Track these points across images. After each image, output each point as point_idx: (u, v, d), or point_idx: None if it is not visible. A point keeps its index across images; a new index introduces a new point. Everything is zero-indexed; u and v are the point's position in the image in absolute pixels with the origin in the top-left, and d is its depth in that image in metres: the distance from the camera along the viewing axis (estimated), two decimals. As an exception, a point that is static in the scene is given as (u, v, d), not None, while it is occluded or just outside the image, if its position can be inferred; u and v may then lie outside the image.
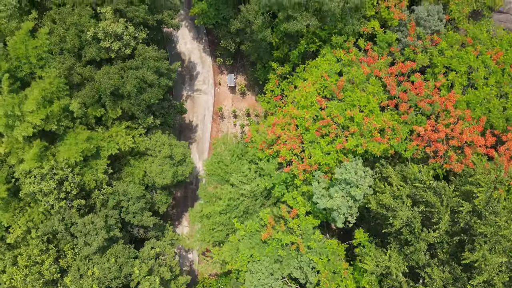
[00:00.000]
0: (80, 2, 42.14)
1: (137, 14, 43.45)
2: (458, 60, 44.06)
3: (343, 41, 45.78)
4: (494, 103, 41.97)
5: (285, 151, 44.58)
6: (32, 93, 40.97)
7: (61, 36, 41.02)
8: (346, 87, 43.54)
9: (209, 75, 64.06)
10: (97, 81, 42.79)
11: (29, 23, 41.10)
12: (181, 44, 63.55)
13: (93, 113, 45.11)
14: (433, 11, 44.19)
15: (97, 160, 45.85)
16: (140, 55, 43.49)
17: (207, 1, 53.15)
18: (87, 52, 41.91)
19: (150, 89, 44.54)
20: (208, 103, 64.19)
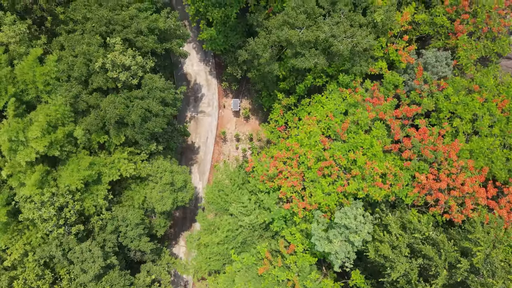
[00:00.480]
0: (89, 30, 42.17)
1: (146, 44, 43.53)
2: (464, 106, 44.08)
3: (350, 80, 45.81)
4: (497, 154, 41.98)
5: (286, 187, 44.63)
6: (37, 120, 41.04)
7: (69, 64, 41.06)
8: (350, 129, 43.59)
9: (214, 97, 64.11)
10: (103, 109, 42.83)
11: (38, 50, 41.17)
12: (188, 65, 63.60)
13: (96, 139, 45.14)
14: (441, 57, 44.23)
15: (98, 185, 45.92)
16: (147, 85, 43.53)
17: (216, 27, 53.22)
18: (94, 81, 41.96)
19: (154, 118, 44.57)
20: (211, 126, 64.23)
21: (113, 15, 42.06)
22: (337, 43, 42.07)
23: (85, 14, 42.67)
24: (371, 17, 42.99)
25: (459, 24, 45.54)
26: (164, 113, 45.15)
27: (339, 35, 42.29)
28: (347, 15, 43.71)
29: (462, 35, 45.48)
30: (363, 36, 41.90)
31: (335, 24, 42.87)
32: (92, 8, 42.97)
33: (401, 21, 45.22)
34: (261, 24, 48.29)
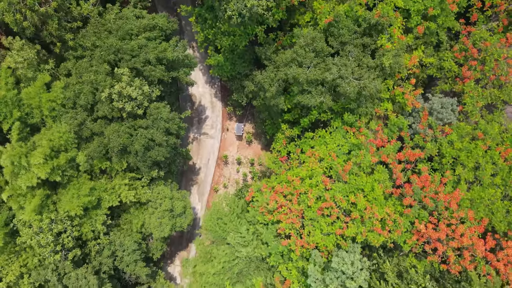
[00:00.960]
0: (98, 57, 42.20)
1: (153, 74, 43.57)
2: (467, 153, 44.08)
3: (354, 120, 45.82)
4: (498, 206, 41.98)
5: (285, 224, 44.65)
6: (41, 145, 41.08)
7: (75, 92, 41.10)
8: (352, 170, 43.59)
9: (217, 120, 64.13)
10: (106, 137, 42.83)
11: (46, 77, 41.22)
12: (193, 86, 63.58)
13: (98, 165, 45.15)
14: (447, 103, 44.25)
15: (97, 210, 45.95)
16: (152, 115, 43.57)
17: (224, 54, 53.22)
18: (100, 109, 41.99)
19: (158, 148, 44.59)
20: (213, 148, 64.23)
21: (122, 44, 42.10)
22: (345, 85, 42.10)
23: (94, 42, 42.72)
24: (379, 61, 43.00)
25: (467, 70, 45.55)
26: (168, 142, 45.14)
27: (346, 77, 42.33)
28: (355, 57, 43.72)
29: (469, 81, 45.48)
30: (370, 80, 41.91)
31: (343, 65, 42.89)
32: (101, 36, 43.03)
33: (409, 64, 45.22)
34: (269, 58, 48.30)
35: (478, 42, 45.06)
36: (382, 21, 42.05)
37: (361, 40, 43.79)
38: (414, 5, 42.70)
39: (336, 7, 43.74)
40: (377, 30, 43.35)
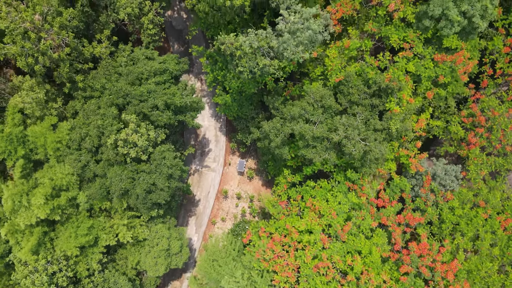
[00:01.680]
0: (106, 100, 42.21)
1: (160, 119, 43.58)
2: (467, 221, 44.07)
3: (357, 178, 45.80)
4: (494, 279, 41.95)
5: (280, 276, 44.62)
6: (43, 183, 41.11)
7: (81, 135, 41.11)
8: (351, 231, 43.57)
9: (220, 154, 64.05)
10: (108, 179, 42.82)
11: (53, 119, 41.27)
12: (199, 119, 63.51)
13: (99, 205, 45.14)
14: (450, 171, 44.23)
15: (94, 248, 45.90)
16: (155, 160, 43.55)
17: (231, 95, 53.18)
18: (104, 153, 41.99)
19: (159, 191, 44.56)
20: (214, 181, 64.15)
21: (131, 89, 42.15)
22: (350, 146, 42.11)
23: (104, 84, 42.74)
24: (387, 124, 42.98)
25: (473, 137, 45.53)
26: (170, 186, 45.14)
27: (352, 138, 42.33)
28: (363, 117, 43.68)
29: (474, 147, 45.47)
30: (376, 144, 41.89)
31: (350, 126, 42.87)
32: (111, 78, 43.06)
33: (416, 127, 45.20)
34: (277, 108, 48.29)
35: (486, 110, 45.07)
36: (392, 85, 42.03)
37: (370, 100, 43.78)
38: (425, 71, 42.68)
39: (347, 67, 43.73)
40: (387, 93, 43.34)
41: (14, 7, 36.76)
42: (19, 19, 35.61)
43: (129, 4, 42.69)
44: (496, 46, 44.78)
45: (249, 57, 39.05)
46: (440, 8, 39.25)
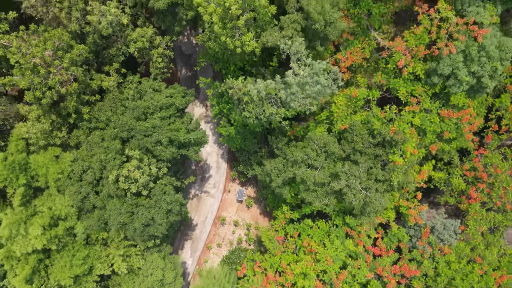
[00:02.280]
0: (110, 134, 42.22)
1: (163, 155, 43.58)
2: (462, 277, 44.06)
3: (356, 224, 45.80)
4: (486, 338, 41.97)
5: (272, 319, 44.66)
6: (41, 213, 41.11)
7: (84, 168, 41.12)
8: (346, 279, 43.56)
9: (221, 180, 64.01)
10: (107, 212, 42.83)
11: (56, 150, 41.32)
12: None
13: (96, 235, 45.13)
14: (449, 225, 44.24)
15: (88, 277, 45.87)
16: (155, 195, 43.57)
17: (236, 128, 53.17)
18: (105, 187, 42.00)
19: (157, 225, 44.56)
20: (213, 207, 64.10)
21: (136, 124, 42.18)
22: (351, 195, 42.12)
23: (110, 117, 42.74)
24: (389, 175, 42.97)
25: (474, 192, 45.52)
26: (168, 220, 45.15)
27: (354, 187, 42.34)
28: (365, 167, 43.65)
29: (475, 203, 45.46)
30: (376, 196, 41.88)
31: (352, 175, 42.86)
32: (117, 111, 43.08)
33: (418, 178, 45.21)
34: (281, 148, 48.28)
35: (489, 166, 45.08)
36: (396, 138, 42.03)
37: (374, 150, 43.77)
38: (431, 125, 42.70)
39: (353, 116, 43.74)
40: (391, 144, 43.31)
41: (26, 40, 36.78)
42: (29, 55, 35.62)
43: (139, 39, 42.72)
44: (504, 103, 44.80)
45: (256, 104, 39.06)
46: (449, 67, 39.26)
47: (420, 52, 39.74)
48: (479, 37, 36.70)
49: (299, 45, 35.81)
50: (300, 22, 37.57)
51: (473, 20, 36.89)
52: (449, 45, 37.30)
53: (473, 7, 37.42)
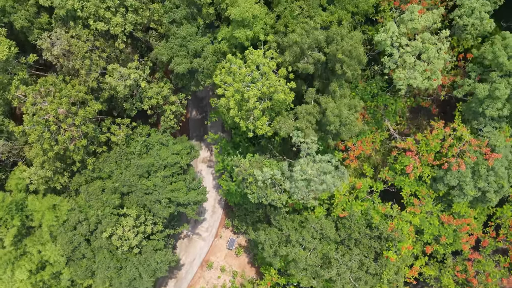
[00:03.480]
0: (110, 187, 42.23)
1: (161, 213, 43.60)
2: None
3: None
4: None
5: None
6: (29, 260, 41.17)
7: (79, 220, 41.14)
8: None
9: (214, 225, 63.93)
10: (96, 263, 42.83)
11: (55, 198, 41.40)
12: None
13: (80, 282, 45.15)
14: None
15: (68, 319, 45.92)
16: (146, 252, 43.60)
17: (237, 184, 53.19)
18: (97, 241, 42.00)
19: (143, 281, 44.59)
20: (202, 250, 64.04)
21: (138, 182, 42.19)
22: (339, 285, 42.15)
23: (113, 170, 42.75)
24: (380, 270, 42.92)
25: (463, 295, 45.49)
26: (155, 277, 45.18)
27: (343, 278, 42.33)
28: (358, 259, 43.58)
29: (462, 306, 45.41)
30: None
31: (343, 263, 42.83)
32: (121, 164, 43.08)
33: (408, 273, 45.15)
34: (278, 220, 48.20)
35: (481, 274, 45.00)
36: (393, 235, 42.00)
37: (369, 241, 43.72)
38: (430, 227, 42.64)
39: (354, 205, 43.67)
40: (387, 239, 43.28)
41: (41, 93, 36.79)
42: (42, 111, 35.64)
43: (155, 96, 42.75)
44: (505, 213, 44.73)
45: (260, 187, 39.06)
46: (456, 179, 39.20)
47: (429, 158, 39.70)
48: (490, 161, 36.65)
49: (311, 143, 35.79)
50: (316, 115, 37.55)
51: (486, 142, 36.83)
52: (459, 161, 37.25)
53: (489, 127, 37.38)
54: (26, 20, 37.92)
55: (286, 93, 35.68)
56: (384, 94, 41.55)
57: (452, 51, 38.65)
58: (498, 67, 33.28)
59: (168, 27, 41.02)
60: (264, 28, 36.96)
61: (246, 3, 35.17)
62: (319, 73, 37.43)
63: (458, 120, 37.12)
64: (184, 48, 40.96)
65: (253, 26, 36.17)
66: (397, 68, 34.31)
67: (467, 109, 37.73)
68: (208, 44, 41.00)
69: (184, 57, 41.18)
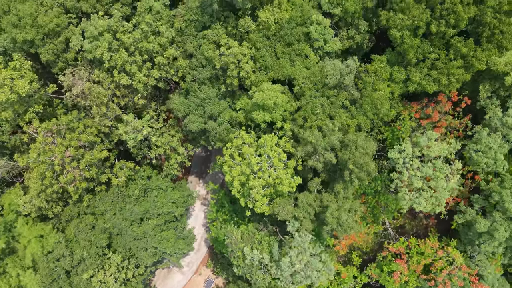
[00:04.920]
0: (101, 227, 42.38)
1: (145, 260, 43.78)
2: None
3: None
4: None
5: None
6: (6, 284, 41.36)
7: (64, 254, 41.32)
8: None
9: (196, 262, 64.04)
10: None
11: (45, 228, 41.55)
12: (191, 220, 63.49)
13: (53, 309, 45.29)
14: None
15: None
16: (125, 294, 43.81)
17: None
18: (77, 278, 42.14)
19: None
20: (179, 284, 64.09)
21: (129, 229, 42.49)
22: None
23: (107, 209, 42.90)
24: None
25: None
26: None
27: None
28: None
29: None
30: None
31: None
32: (116, 206, 43.25)
33: None
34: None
35: None
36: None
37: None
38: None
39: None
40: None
41: (53, 132, 36.93)
42: (50, 152, 35.78)
43: (164, 146, 42.92)
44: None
45: (247, 264, 39.22)
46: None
47: (418, 269, 39.82)
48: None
49: (305, 236, 35.97)
50: (315, 208, 37.69)
51: (476, 272, 36.96)
52: (446, 281, 37.37)
53: (482, 255, 37.48)
54: (53, 54, 38.05)
55: (291, 185, 35.83)
56: (387, 193, 41.66)
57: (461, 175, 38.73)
58: (502, 209, 33.43)
59: (191, 84, 41.15)
60: (282, 114, 37.10)
61: (270, 90, 35.30)
62: (328, 168, 37.57)
63: (453, 250, 37.17)
64: (201, 108, 41.09)
65: (272, 111, 36.31)
66: (403, 187, 34.45)
67: (463, 233, 37.87)
68: (225, 109, 41.10)
69: (200, 116, 41.32)
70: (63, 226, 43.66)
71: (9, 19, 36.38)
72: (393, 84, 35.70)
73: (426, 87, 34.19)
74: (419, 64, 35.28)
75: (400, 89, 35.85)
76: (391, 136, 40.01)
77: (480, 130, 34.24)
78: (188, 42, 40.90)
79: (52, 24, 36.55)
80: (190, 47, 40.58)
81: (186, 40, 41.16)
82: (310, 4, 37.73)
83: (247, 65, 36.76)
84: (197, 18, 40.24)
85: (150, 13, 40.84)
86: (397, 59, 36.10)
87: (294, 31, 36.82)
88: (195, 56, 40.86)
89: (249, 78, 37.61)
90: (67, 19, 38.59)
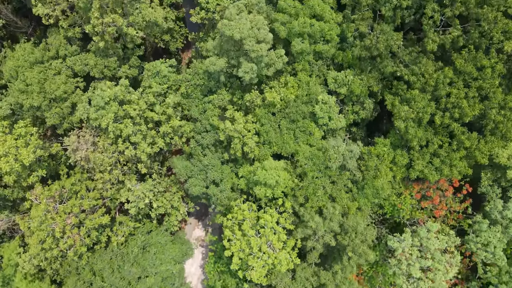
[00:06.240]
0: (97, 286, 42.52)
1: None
2: None
3: None
4: None
5: None
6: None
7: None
8: None
9: (191, 304, 64.31)
10: None
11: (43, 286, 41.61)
12: (188, 263, 63.73)
13: None
14: None
15: None
16: None
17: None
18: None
19: None
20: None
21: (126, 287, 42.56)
22: None
23: (104, 267, 43.05)
24: None
25: None
26: None
27: None
28: None
29: None
30: None
31: None
32: (113, 264, 43.40)
33: None
34: None
35: None
36: None
37: None
38: None
39: None
40: None
41: (55, 197, 37.13)
42: (51, 220, 35.97)
43: (164, 205, 43.13)
44: None
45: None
46: None
47: None
48: None
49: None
50: (312, 283, 37.90)
51: None
52: None
53: None
54: (59, 118, 38.23)
55: (289, 264, 36.03)
56: (385, 264, 41.84)
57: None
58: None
59: (194, 148, 41.33)
60: (284, 190, 37.31)
61: (273, 170, 35.50)
62: (327, 245, 37.81)
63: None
64: (203, 172, 41.28)
65: (274, 188, 36.51)
66: (401, 275, 34.68)
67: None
68: (228, 174, 41.25)
69: (202, 180, 41.51)
70: (61, 278, 43.76)
71: (16, 85, 36.56)
72: (395, 168, 35.90)
73: (428, 176, 34.42)
74: (422, 150, 35.47)
75: (402, 174, 36.05)
76: (391, 210, 40.21)
77: (480, 221, 34.51)
78: (194, 105, 41.07)
79: (59, 91, 36.73)
80: (195, 111, 40.76)
81: (192, 103, 41.33)
82: (316, 81, 37.91)
83: (251, 141, 36.97)
84: (204, 83, 40.44)
85: (158, 76, 41.04)
86: (401, 142, 36.29)
87: (300, 109, 37.02)
88: (200, 121, 41.04)
89: (253, 152, 37.81)
90: (75, 83, 38.76)
